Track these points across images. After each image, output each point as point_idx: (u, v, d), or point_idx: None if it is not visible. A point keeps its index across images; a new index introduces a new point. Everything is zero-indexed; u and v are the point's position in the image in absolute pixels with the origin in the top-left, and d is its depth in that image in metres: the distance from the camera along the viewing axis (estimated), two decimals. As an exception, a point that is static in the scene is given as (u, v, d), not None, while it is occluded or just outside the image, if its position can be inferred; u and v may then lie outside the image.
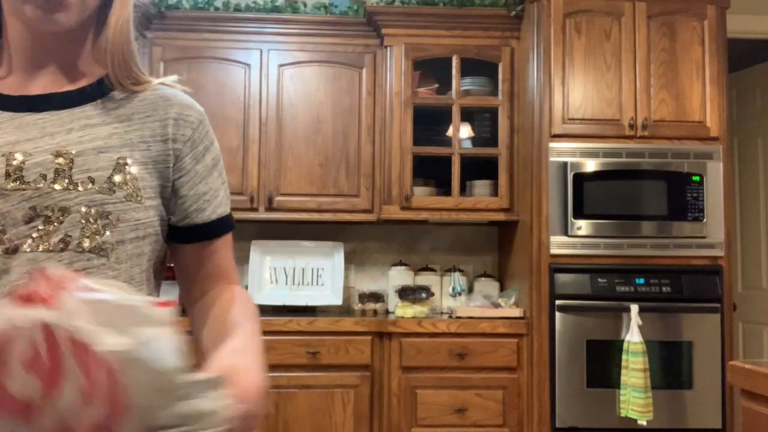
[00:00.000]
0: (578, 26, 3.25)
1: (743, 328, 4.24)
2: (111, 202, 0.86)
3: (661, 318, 3.13)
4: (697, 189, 3.19)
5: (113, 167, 0.88)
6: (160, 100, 0.96)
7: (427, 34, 3.49)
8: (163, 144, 0.94)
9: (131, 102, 0.95)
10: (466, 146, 3.57)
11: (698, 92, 3.25)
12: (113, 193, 0.87)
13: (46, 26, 0.88)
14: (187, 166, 0.96)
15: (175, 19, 3.51)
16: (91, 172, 0.86)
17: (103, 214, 0.85)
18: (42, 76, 0.93)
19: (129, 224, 0.89)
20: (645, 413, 2.97)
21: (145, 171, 0.91)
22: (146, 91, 0.97)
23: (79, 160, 0.86)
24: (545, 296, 3.14)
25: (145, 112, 0.95)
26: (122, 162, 0.89)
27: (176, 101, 0.97)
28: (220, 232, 1.00)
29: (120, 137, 0.91)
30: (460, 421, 3.14)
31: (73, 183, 0.85)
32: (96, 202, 0.85)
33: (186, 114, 0.97)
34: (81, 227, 0.84)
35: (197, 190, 0.97)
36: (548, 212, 3.17)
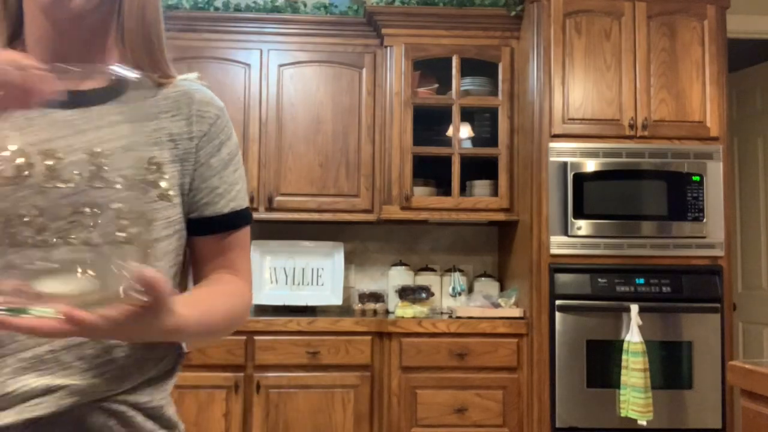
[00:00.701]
0: (578, 26, 3.25)
1: (743, 328, 4.24)
2: (145, 201, 0.88)
3: (661, 318, 3.13)
4: (697, 189, 3.19)
5: (145, 166, 0.89)
6: (182, 97, 0.97)
7: (427, 34, 3.49)
8: (189, 142, 0.95)
9: (156, 98, 0.95)
10: (466, 146, 3.57)
11: (698, 92, 3.25)
12: (146, 192, 0.88)
13: (61, 11, 0.87)
14: (201, 160, 0.96)
15: (175, 19, 3.51)
16: (123, 171, 0.87)
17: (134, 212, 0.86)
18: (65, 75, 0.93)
19: (162, 222, 0.90)
20: (645, 413, 2.97)
21: (173, 169, 0.92)
22: (168, 88, 0.97)
23: (111, 158, 0.86)
24: (545, 296, 3.14)
25: (170, 110, 0.95)
26: (153, 161, 0.90)
27: (196, 98, 0.98)
28: (232, 225, 1.00)
29: (148, 135, 0.91)
30: (460, 421, 3.14)
31: (107, 181, 0.85)
32: (127, 199, 0.86)
33: (204, 110, 0.98)
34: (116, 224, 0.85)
35: (210, 183, 0.97)
36: (548, 212, 3.17)
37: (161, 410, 0.93)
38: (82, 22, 0.91)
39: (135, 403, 0.89)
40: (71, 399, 0.83)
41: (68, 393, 0.83)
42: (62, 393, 0.83)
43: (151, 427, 0.91)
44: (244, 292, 1.01)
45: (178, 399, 3.02)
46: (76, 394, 0.84)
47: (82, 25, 0.91)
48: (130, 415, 0.89)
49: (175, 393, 0.98)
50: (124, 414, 0.88)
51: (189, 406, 3.04)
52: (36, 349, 0.83)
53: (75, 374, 0.84)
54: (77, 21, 0.91)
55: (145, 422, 0.90)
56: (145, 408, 0.91)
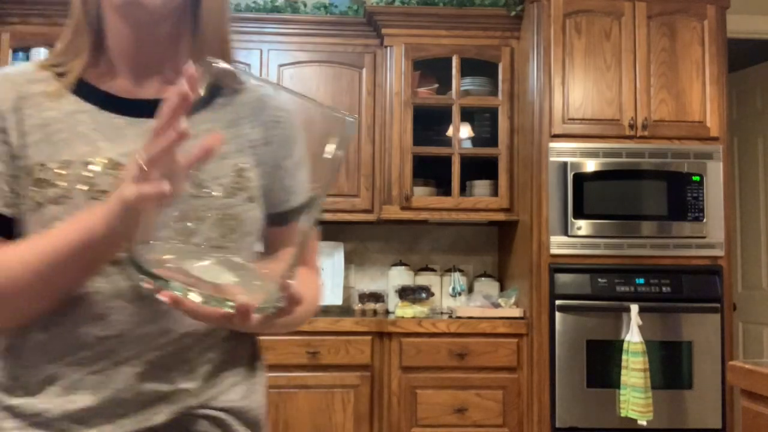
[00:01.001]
0: (578, 26, 3.25)
1: (743, 328, 4.24)
2: (236, 205, 0.91)
3: (661, 318, 3.13)
4: (697, 189, 3.19)
5: (234, 172, 0.92)
6: (257, 103, 0.99)
7: (427, 34, 3.49)
8: (265, 147, 0.98)
9: (234, 105, 0.97)
10: (466, 146, 3.57)
11: (698, 92, 3.25)
12: (236, 197, 0.91)
13: (134, 10, 0.88)
14: (277, 163, 1.00)
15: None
16: (218, 179, 0.90)
17: (231, 217, 0.90)
18: (150, 81, 0.94)
19: (249, 224, 0.94)
20: (645, 413, 2.97)
21: (254, 173, 0.95)
22: (243, 94, 0.98)
23: (208, 167, 0.87)
24: (545, 296, 3.14)
25: (248, 116, 0.98)
26: (240, 167, 0.93)
27: (271, 103, 0.99)
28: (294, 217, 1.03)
29: (234, 142, 0.94)
30: (460, 421, 3.14)
31: (205, 189, 0.88)
32: (225, 205, 0.89)
33: (278, 114, 1.00)
34: (218, 229, 0.88)
35: (284, 183, 1.00)
36: (548, 212, 3.17)
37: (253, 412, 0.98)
38: (157, 29, 0.92)
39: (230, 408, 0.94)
40: (179, 405, 0.88)
41: (176, 400, 0.88)
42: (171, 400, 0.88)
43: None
44: (316, 280, 1.06)
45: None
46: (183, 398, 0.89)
47: (158, 32, 0.93)
48: (228, 423, 0.93)
49: None
50: (224, 422, 0.93)
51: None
52: (146, 355, 0.87)
53: (179, 377, 0.89)
54: (153, 28, 0.92)
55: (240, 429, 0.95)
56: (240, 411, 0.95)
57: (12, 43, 3.37)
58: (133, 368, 0.86)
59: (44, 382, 0.86)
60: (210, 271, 0.80)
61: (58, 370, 0.86)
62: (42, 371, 0.86)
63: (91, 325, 0.86)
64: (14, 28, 3.38)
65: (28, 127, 0.89)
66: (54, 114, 0.90)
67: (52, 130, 0.89)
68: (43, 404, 0.85)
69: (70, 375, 0.86)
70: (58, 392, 0.85)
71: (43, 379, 0.86)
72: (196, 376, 0.91)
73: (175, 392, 0.88)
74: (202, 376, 0.91)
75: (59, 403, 0.85)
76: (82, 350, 0.86)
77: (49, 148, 0.88)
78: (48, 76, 0.93)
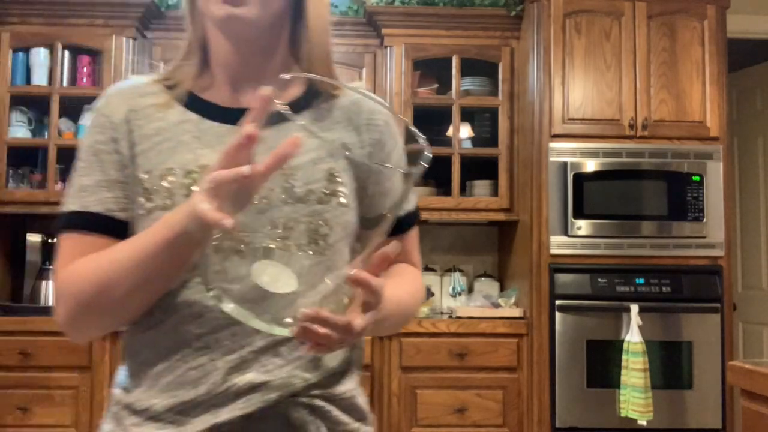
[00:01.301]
0: (578, 26, 3.25)
1: (743, 328, 4.24)
2: (328, 210, 0.93)
3: (661, 318, 3.13)
4: (697, 189, 3.19)
5: (327, 177, 0.94)
6: (352, 107, 1.01)
7: (427, 34, 3.49)
8: (360, 150, 1.00)
9: (331, 110, 1.00)
10: (466, 146, 3.57)
11: (698, 92, 3.25)
12: (329, 202, 0.93)
13: (233, 23, 0.93)
14: (372, 165, 1.02)
15: (175, 19, 3.51)
16: (311, 184, 0.92)
17: (324, 221, 0.92)
18: (249, 90, 0.97)
19: (341, 229, 0.95)
20: (645, 413, 2.97)
21: (347, 176, 0.97)
22: (340, 98, 1.01)
23: (300, 173, 0.91)
24: (545, 296, 3.14)
25: (343, 120, 1.00)
26: (332, 172, 0.95)
27: (365, 107, 1.02)
28: (408, 226, 1.07)
29: (328, 147, 0.96)
30: (460, 421, 3.14)
31: (297, 196, 0.90)
32: (317, 211, 0.91)
33: (374, 118, 1.02)
34: (308, 235, 0.90)
35: (382, 186, 1.01)
36: (548, 212, 3.17)
37: (354, 400, 1.00)
38: (255, 41, 0.97)
39: (330, 395, 0.96)
40: (274, 393, 0.91)
41: (270, 388, 0.91)
42: (265, 388, 0.91)
43: (347, 419, 0.98)
44: (420, 280, 1.10)
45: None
46: (277, 388, 0.91)
47: (256, 44, 0.97)
48: (327, 410, 0.95)
49: None
50: (322, 408, 0.95)
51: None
52: (240, 351, 0.91)
53: (273, 370, 0.92)
54: (251, 40, 0.97)
55: (340, 416, 0.97)
56: (340, 399, 0.97)
57: (12, 43, 3.37)
58: (227, 363, 0.91)
59: (153, 378, 0.93)
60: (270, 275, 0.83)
61: (164, 368, 0.92)
62: (152, 369, 0.93)
63: (190, 324, 0.91)
64: (14, 28, 3.38)
65: (138, 137, 0.95)
66: (162, 124, 0.96)
67: (160, 140, 0.95)
68: (152, 399, 0.92)
69: (174, 371, 0.92)
70: (163, 388, 0.92)
71: (153, 376, 0.93)
72: (291, 367, 0.93)
73: (269, 382, 0.91)
74: (296, 366, 0.93)
75: (164, 397, 0.91)
76: (183, 348, 0.92)
77: (156, 157, 0.94)
78: (159, 89, 1.00)
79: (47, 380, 3.06)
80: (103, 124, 0.97)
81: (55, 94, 3.36)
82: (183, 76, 1.00)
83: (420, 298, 1.09)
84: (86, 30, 3.39)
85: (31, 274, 3.47)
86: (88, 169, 0.96)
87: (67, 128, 3.44)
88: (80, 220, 0.94)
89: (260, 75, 0.98)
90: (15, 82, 3.38)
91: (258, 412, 0.91)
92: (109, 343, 3.09)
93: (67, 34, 3.38)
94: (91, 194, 0.94)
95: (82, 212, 0.94)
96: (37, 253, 3.49)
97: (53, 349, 3.06)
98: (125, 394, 0.96)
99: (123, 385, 0.97)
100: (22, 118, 3.44)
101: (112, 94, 1.00)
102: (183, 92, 0.99)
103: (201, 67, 1.01)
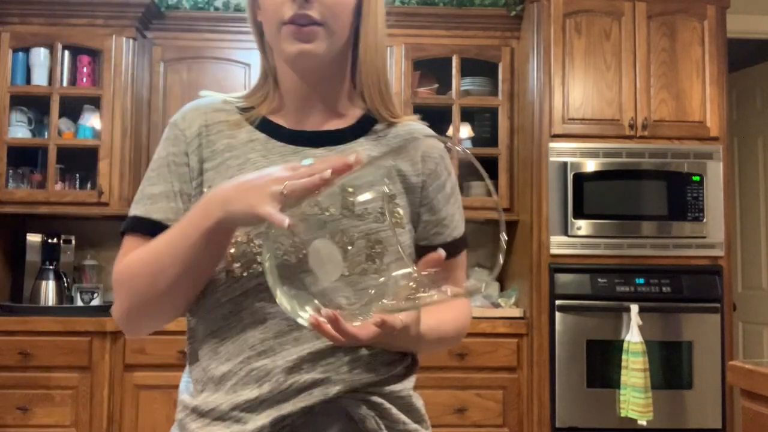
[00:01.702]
0: (578, 26, 3.25)
1: (743, 328, 4.24)
2: (383, 230, 0.98)
3: (661, 318, 3.13)
4: (697, 189, 3.19)
5: (383, 198, 1.01)
6: (410, 136, 1.09)
7: (426, 34, 3.49)
8: (415, 177, 1.07)
9: (388, 137, 1.08)
10: (466, 146, 3.57)
11: (698, 92, 3.25)
12: (384, 222, 0.99)
13: (303, 59, 1.00)
14: (430, 195, 1.08)
15: (175, 19, 3.51)
16: (367, 204, 0.98)
17: (379, 240, 0.96)
18: (312, 116, 1.06)
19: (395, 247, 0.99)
20: (645, 413, 2.97)
21: (403, 200, 1.05)
22: (398, 126, 1.09)
23: (359, 192, 0.97)
24: (545, 296, 3.14)
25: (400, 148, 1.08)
26: (389, 193, 1.02)
27: (422, 138, 1.10)
28: (456, 252, 1.12)
29: (384, 170, 1.03)
30: (460, 421, 3.14)
31: (356, 213, 0.96)
32: (373, 230, 0.96)
33: (431, 150, 1.09)
34: (365, 253, 0.95)
35: (438, 216, 1.09)
36: (548, 212, 3.17)
37: (411, 399, 1.04)
38: (321, 72, 1.04)
39: (390, 394, 1.00)
40: (334, 388, 0.95)
41: (330, 383, 0.96)
42: (325, 384, 0.95)
43: (405, 419, 1.02)
44: (468, 305, 1.16)
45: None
46: (337, 383, 0.96)
47: (322, 75, 1.05)
48: (386, 407, 0.99)
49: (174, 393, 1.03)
50: (382, 406, 0.99)
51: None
52: (300, 353, 0.96)
53: (331, 370, 0.96)
54: (318, 72, 1.04)
55: (399, 415, 1.01)
56: (399, 398, 1.02)
57: (12, 43, 3.37)
58: (287, 363, 0.96)
59: (218, 382, 0.98)
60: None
61: (228, 371, 0.98)
62: (216, 373, 0.98)
63: (253, 329, 0.97)
64: (14, 28, 3.38)
65: (208, 152, 1.04)
66: (232, 141, 1.04)
67: (228, 156, 1.03)
68: (218, 400, 0.97)
69: (238, 373, 0.97)
70: (228, 389, 0.97)
71: (217, 379, 0.98)
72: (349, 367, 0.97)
73: (329, 378, 0.96)
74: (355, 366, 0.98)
75: (229, 398, 0.97)
76: (246, 351, 0.97)
77: (225, 171, 1.02)
78: (231, 108, 1.08)
79: (47, 380, 3.06)
80: (177, 137, 1.05)
81: (55, 94, 3.36)
82: (257, 101, 1.08)
83: (464, 323, 1.13)
84: (86, 30, 3.39)
85: (30, 274, 3.47)
86: (156, 179, 1.04)
87: (67, 128, 3.44)
88: (141, 225, 1.02)
89: (325, 100, 1.06)
90: (15, 82, 3.38)
91: (319, 406, 0.95)
92: (109, 343, 3.09)
93: (67, 34, 3.38)
94: (154, 203, 1.03)
95: (143, 218, 1.02)
96: (37, 253, 3.49)
97: (53, 349, 3.07)
98: (191, 398, 1.01)
99: (188, 391, 1.03)
100: (22, 118, 3.44)
101: (189, 109, 1.08)
102: (255, 115, 1.06)
103: (273, 91, 1.09)
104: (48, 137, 3.38)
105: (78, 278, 3.59)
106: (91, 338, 3.09)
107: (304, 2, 0.97)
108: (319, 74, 1.04)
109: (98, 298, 3.48)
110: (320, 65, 1.02)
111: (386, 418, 0.99)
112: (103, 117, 3.36)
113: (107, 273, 3.73)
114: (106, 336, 3.09)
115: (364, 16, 1.04)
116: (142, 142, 3.49)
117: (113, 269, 1.01)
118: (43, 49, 3.40)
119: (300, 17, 0.97)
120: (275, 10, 0.99)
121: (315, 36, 0.98)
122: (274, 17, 0.99)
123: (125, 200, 3.35)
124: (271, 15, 1.00)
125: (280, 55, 1.03)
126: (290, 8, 0.97)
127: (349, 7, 1.02)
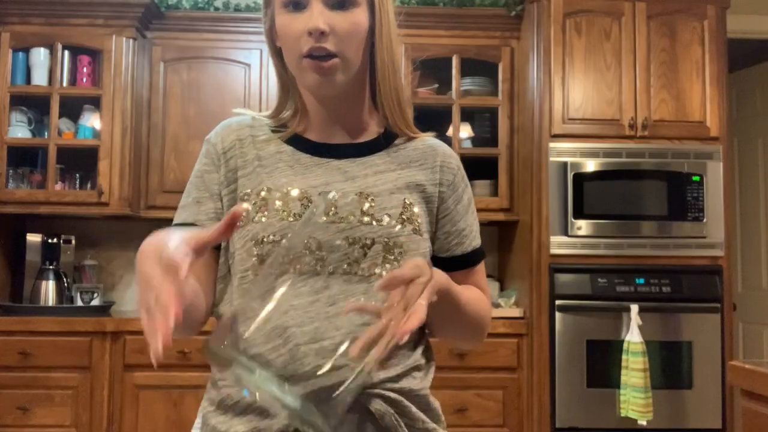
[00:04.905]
0: (578, 26, 3.25)
1: (743, 328, 4.24)
2: (403, 235, 1.04)
3: (661, 318, 3.13)
4: (697, 189, 3.19)
5: (402, 206, 1.07)
6: (429, 150, 1.16)
7: (427, 34, 3.49)
8: (434, 187, 1.13)
9: (407, 150, 1.14)
10: (466, 146, 3.57)
11: (698, 92, 3.25)
12: (404, 228, 1.05)
13: (325, 89, 1.07)
14: (449, 207, 1.15)
15: (175, 19, 3.51)
16: (386, 211, 1.04)
17: (397, 245, 1.03)
18: (336, 132, 1.13)
19: (415, 254, 1.05)
20: (645, 413, 2.97)
21: (421, 209, 1.10)
22: (417, 140, 1.16)
23: (378, 200, 1.05)
24: (545, 296, 3.14)
25: (419, 160, 1.14)
26: (408, 202, 1.08)
27: (440, 151, 1.17)
28: (475, 261, 1.20)
29: (404, 181, 1.10)
30: (460, 421, 3.14)
31: (376, 219, 1.03)
32: (392, 235, 1.03)
33: (449, 162, 1.16)
34: (382, 256, 1.01)
35: (458, 226, 1.16)
36: (548, 212, 3.17)
37: (429, 399, 1.09)
38: (342, 96, 1.10)
39: (409, 392, 1.04)
40: None
41: None
42: None
43: (424, 418, 1.06)
44: (489, 304, 1.21)
45: (178, 399, 3.02)
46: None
47: (343, 98, 1.11)
48: (405, 405, 1.03)
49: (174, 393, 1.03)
50: (401, 403, 1.02)
51: (190, 407, 3.03)
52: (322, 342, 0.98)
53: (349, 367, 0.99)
54: (338, 96, 1.10)
55: (418, 413, 1.04)
56: (417, 396, 1.06)
57: (12, 43, 3.37)
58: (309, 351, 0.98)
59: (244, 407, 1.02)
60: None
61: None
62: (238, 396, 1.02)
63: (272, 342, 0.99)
64: (14, 28, 3.38)
65: (241, 162, 1.11)
66: (262, 153, 1.12)
67: (259, 165, 1.10)
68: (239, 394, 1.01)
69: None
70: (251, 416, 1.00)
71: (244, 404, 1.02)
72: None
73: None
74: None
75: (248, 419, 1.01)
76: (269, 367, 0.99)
77: (255, 178, 1.09)
78: (262, 124, 1.16)
79: (47, 380, 3.06)
80: (209, 151, 1.14)
81: (55, 94, 3.36)
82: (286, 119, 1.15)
83: (489, 312, 1.19)
84: (86, 30, 3.39)
85: (30, 274, 3.47)
86: (191, 191, 1.13)
87: (67, 128, 3.44)
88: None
89: (347, 118, 1.13)
90: (15, 82, 3.38)
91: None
92: (109, 343, 3.09)
93: (67, 34, 3.38)
94: (186, 210, 1.12)
95: (178, 224, 1.09)
96: (36, 253, 3.49)
97: (53, 349, 3.07)
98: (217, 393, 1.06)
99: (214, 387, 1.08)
100: (22, 118, 3.44)
101: (221, 127, 1.16)
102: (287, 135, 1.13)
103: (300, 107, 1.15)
104: (48, 137, 3.38)
105: (78, 278, 3.59)
106: (91, 338, 3.09)
107: (320, 36, 1.02)
108: (339, 98, 1.10)
109: (98, 298, 3.48)
110: (339, 92, 1.08)
111: (406, 416, 1.02)
112: (103, 117, 3.36)
113: (107, 273, 3.73)
114: (106, 336, 3.09)
115: (377, 38, 1.12)
116: (142, 142, 3.49)
117: None
118: (43, 49, 3.40)
119: (316, 50, 1.03)
120: (294, 43, 1.05)
121: (335, 69, 1.04)
122: (294, 49, 1.05)
123: (125, 200, 3.35)
124: (290, 47, 1.06)
125: (301, 83, 1.10)
126: (307, 42, 1.03)
127: (362, 34, 1.08)
